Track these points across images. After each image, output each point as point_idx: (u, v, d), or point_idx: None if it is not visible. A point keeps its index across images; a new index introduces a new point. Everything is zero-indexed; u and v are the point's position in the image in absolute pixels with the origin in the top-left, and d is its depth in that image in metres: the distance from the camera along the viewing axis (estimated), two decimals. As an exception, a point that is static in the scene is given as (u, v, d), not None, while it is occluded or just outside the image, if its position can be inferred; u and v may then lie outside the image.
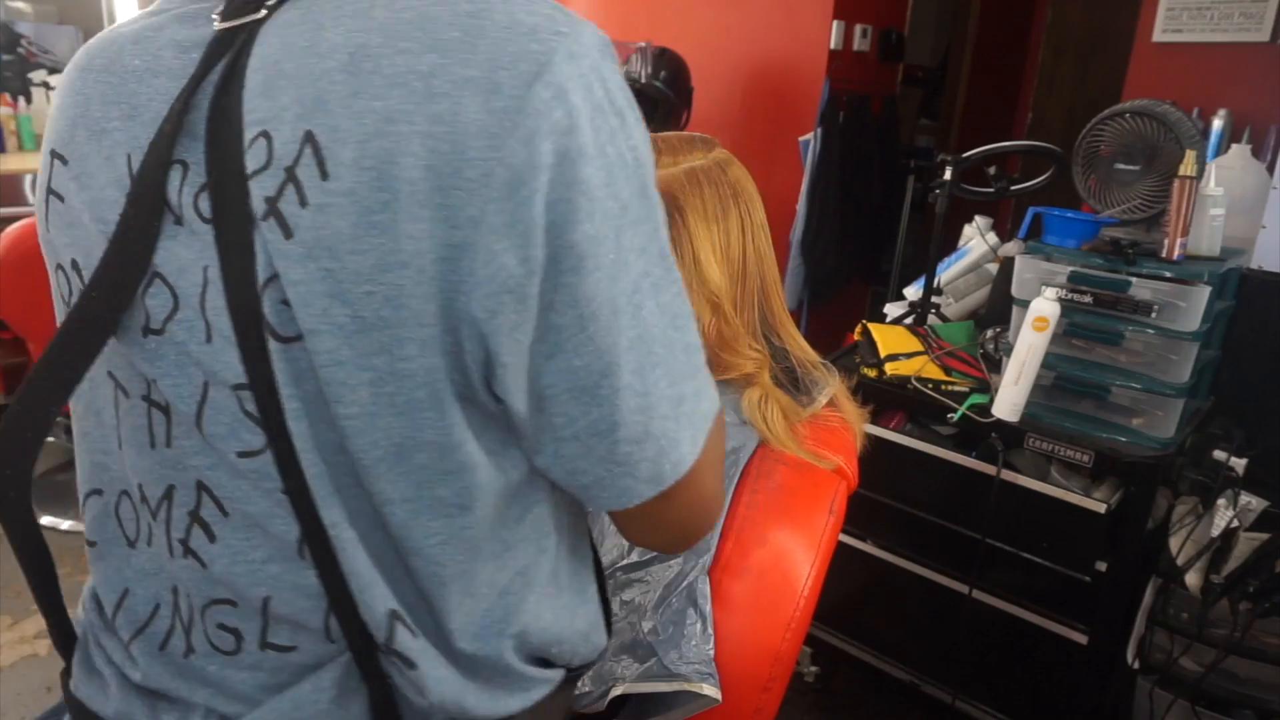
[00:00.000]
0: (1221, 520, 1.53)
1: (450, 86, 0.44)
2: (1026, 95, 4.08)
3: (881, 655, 1.91)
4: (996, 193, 1.97)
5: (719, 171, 1.00)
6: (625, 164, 0.47)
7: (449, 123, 0.44)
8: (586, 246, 0.46)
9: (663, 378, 0.50)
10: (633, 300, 0.48)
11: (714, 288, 0.98)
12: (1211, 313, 1.50)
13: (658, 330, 0.50)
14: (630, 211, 0.48)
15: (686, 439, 0.52)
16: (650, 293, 0.49)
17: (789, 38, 3.52)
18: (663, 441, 0.51)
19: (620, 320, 0.48)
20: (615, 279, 0.47)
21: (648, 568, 0.90)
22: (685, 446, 0.52)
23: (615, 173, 0.47)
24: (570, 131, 0.45)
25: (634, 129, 0.49)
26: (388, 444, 0.48)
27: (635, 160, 0.48)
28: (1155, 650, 1.64)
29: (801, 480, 0.96)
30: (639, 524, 0.58)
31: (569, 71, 0.46)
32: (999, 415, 1.58)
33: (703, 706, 0.85)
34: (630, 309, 0.48)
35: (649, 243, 0.50)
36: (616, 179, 0.47)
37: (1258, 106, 2.04)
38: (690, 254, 0.97)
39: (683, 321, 0.52)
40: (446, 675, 0.54)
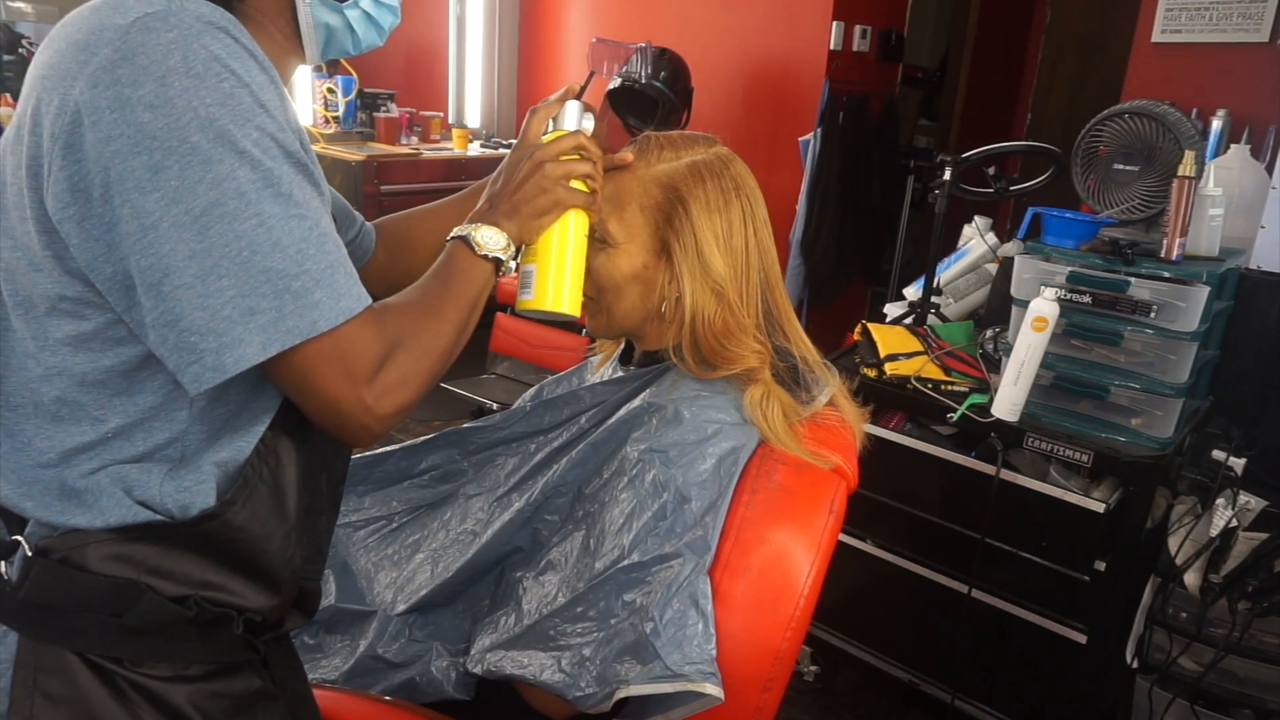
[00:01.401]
0: (1220, 520, 1.53)
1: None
2: (1026, 96, 4.09)
3: (881, 655, 1.91)
4: (996, 193, 1.97)
5: (721, 165, 1.01)
6: (196, 116, 0.62)
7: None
8: (143, 174, 0.61)
9: (230, 288, 0.63)
10: (199, 221, 0.62)
11: (717, 276, 0.98)
12: (1210, 313, 1.50)
13: (229, 250, 0.63)
14: (200, 152, 0.62)
15: (255, 342, 0.64)
16: (222, 219, 0.63)
17: (789, 38, 3.52)
18: (225, 338, 0.64)
19: (182, 234, 0.62)
20: (177, 201, 0.62)
21: (649, 569, 0.90)
22: (252, 348, 0.64)
23: (181, 120, 0.62)
24: (131, 84, 0.61)
25: (213, 91, 0.63)
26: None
27: (210, 115, 0.62)
28: (1154, 649, 1.64)
29: (801, 480, 0.97)
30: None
31: (142, 40, 0.62)
32: (998, 415, 1.59)
33: (704, 705, 0.85)
34: (196, 228, 0.62)
35: (225, 180, 0.63)
36: (184, 126, 0.62)
37: (1257, 107, 2.05)
38: (693, 243, 0.98)
39: (266, 250, 0.64)
40: None
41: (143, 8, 0.64)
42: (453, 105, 4.59)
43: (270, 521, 0.74)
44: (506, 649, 0.96)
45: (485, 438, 1.17)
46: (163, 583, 0.70)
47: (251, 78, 0.66)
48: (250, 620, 0.76)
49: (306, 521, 0.78)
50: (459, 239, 0.85)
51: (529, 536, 1.05)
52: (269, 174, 0.65)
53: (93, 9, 0.66)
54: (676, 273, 0.99)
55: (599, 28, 4.07)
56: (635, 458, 0.96)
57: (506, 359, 3.72)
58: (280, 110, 0.68)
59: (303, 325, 0.65)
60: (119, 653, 0.70)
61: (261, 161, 0.64)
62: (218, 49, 0.64)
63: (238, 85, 0.64)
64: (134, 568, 0.69)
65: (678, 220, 0.99)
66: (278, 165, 0.66)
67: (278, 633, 0.81)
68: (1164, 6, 2.20)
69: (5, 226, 0.69)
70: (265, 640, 0.79)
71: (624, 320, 1.05)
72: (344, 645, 1.09)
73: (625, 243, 1.01)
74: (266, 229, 0.64)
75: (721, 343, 0.99)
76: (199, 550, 0.72)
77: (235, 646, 0.75)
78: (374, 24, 0.85)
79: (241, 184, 0.63)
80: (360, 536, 1.18)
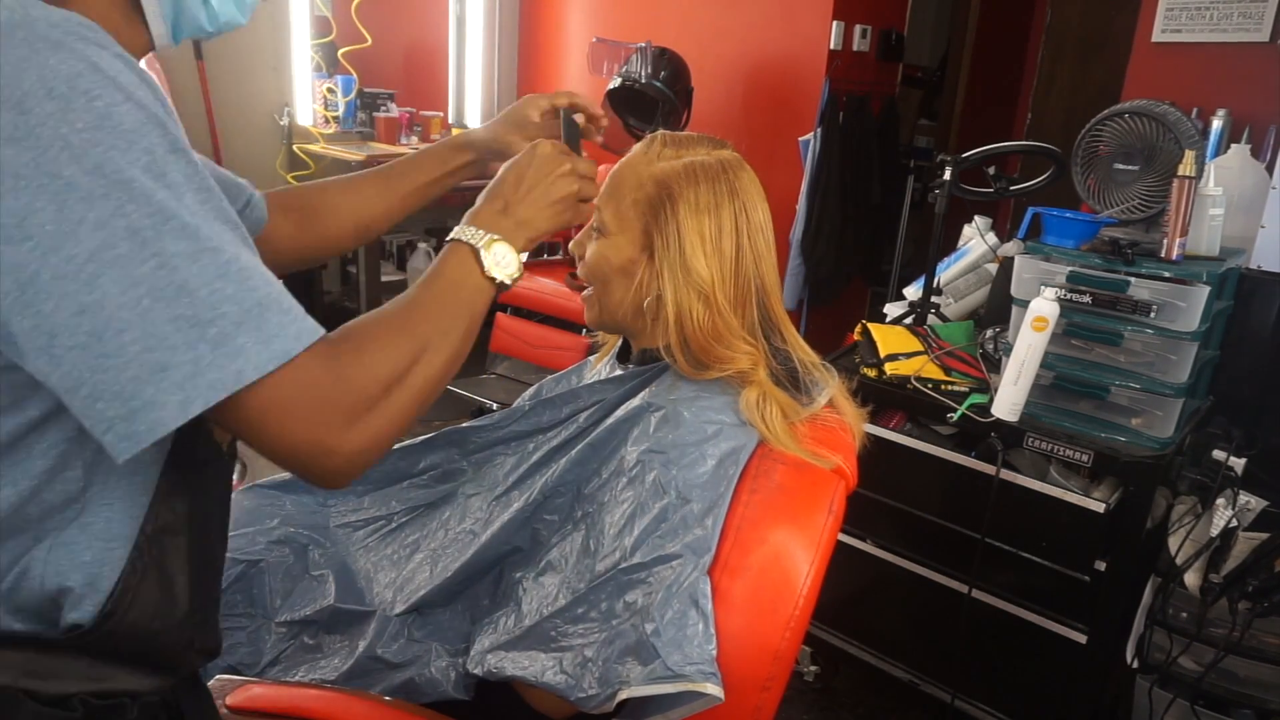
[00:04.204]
0: (1220, 520, 1.53)
1: None
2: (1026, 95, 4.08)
3: (881, 654, 1.91)
4: (996, 193, 1.97)
5: (720, 168, 1.01)
6: (68, 145, 0.52)
7: None
8: (10, 220, 0.52)
9: (133, 344, 0.54)
10: (85, 269, 0.53)
11: (700, 279, 0.98)
12: (1210, 312, 1.50)
13: (125, 299, 0.54)
14: (78, 189, 0.53)
15: (172, 404, 0.55)
16: (114, 265, 0.53)
17: (789, 38, 3.52)
18: (135, 403, 0.55)
19: (66, 286, 0.53)
20: (55, 249, 0.53)
21: (650, 569, 0.90)
22: (168, 411, 0.55)
23: (49, 153, 0.52)
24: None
25: (83, 114, 0.53)
26: None
27: (84, 141, 0.53)
28: (1154, 649, 1.64)
29: (800, 480, 0.97)
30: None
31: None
32: (998, 415, 1.59)
33: (704, 705, 0.85)
34: (82, 278, 0.53)
35: (112, 218, 0.53)
36: (54, 159, 0.52)
37: (1257, 106, 2.04)
38: (676, 243, 0.98)
39: (172, 294, 0.55)
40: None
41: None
42: (453, 105, 4.59)
43: (160, 619, 0.67)
44: (507, 650, 0.96)
45: (484, 437, 1.17)
46: (41, 685, 0.63)
47: (124, 81, 0.56)
48: (148, 701, 0.69)
49: (199, 584, 0.70)
50: (465, 246, 0.78)
51: (528, 536, 1.05)
52: (164, 205, 0.55)
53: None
54: (657, 270, 0.99)
55: (599, 28, 4.07)
56: (635, 458, 0.96)
57: (506, 359, 3.72)
58: (163, 115, 0.58)
59: (226, 377, 0.57)
60: None
61: (153, 192, 0.55)
62: (80, 61, 0.54)
63: (113, 100, 0.55)
64: (7, 674, 0.62)
65: (663, 218, 0.99)
66: (175, 193, 0.56)
67: (181, 675, 0.74)
68: (1164, 6, 2.19)
69: None
70: (174, 687, 0.73)
71: (614, 312, 1.05)
72: (343, 645, 1.09)
73: (616, 234, 1.02)
74: (169, 270, 0.55)
75: (711, 344, 0.98)
76: (79, 653, 0.65)
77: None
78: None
79: (133, 220, 0.54)
80: (359, 536, 1.18)
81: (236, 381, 0.57)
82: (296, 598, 1.13)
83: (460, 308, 0.75)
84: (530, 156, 0.89)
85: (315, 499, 1.21)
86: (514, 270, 0.79)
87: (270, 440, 0.61)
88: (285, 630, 1.12)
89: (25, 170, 0.52)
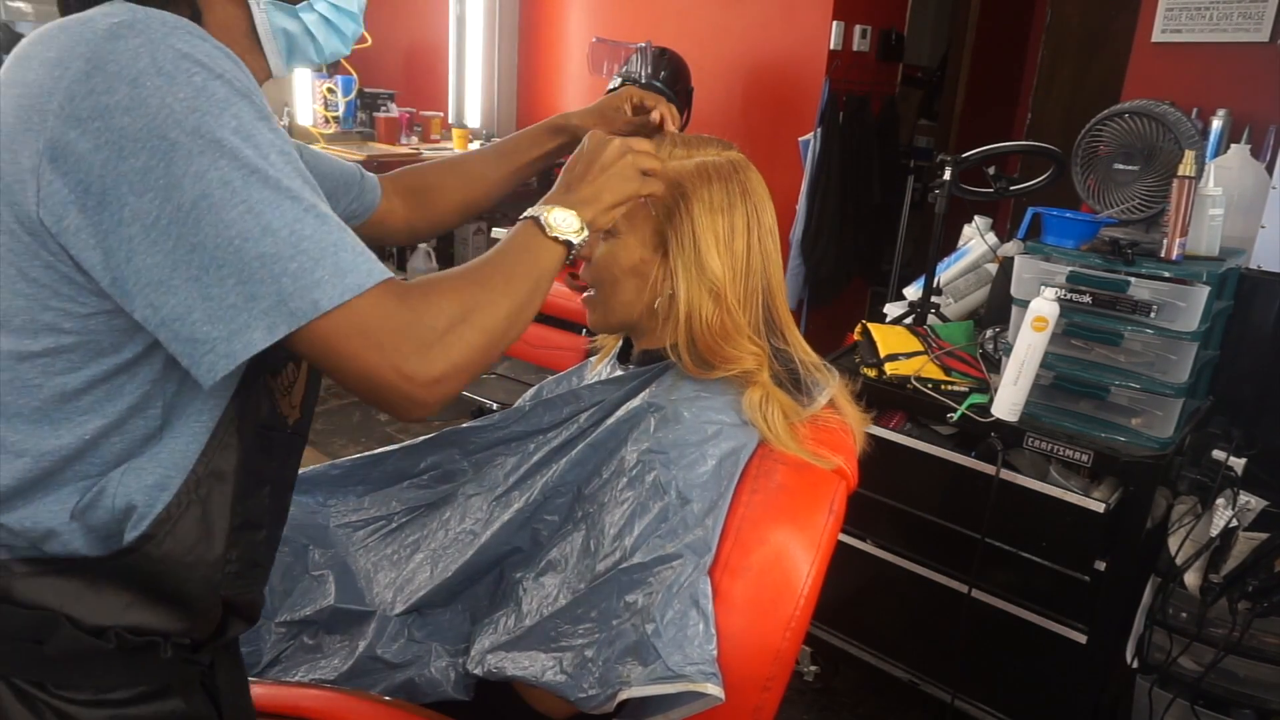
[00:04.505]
0: (1220, 520, 1.53)
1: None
2: (1025, 95, 4.08)
3: (881, 654, 1.91)
4: (996, 193, 1.97)
5: (730, 169, 1.02)
6: (172, 113, 0.63)
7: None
8: (133, 177, 0.62)
9: (230, 276, 0.64)
10: (190, 215, 0.63)
11: (714, 277, 0.98)
12: (1210, 312, 1.50)
13: (221, 239, 0.63)
14: (181, 148, 0.63)
15: (260, 327, 0.64)
16: (210, 210, 0.63)
17: (789, 38, 3.52)
18: (233, 325, 0.64)
19: (178, 229, 0.63)
20: (168, 199, 0.63)
21: (650, 570, 0.90)
22: (258, 334, 0.64)
23: (158, 119, 0.62)
24: (106, 91, 0.62)
25: (184, 88, 0.64)
26: None
27: (185, 109, 0.63)
28: (1154, 649, 1.64)
29: (801, 480, 0.97)
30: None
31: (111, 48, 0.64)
32: (998, 415, 1.59)
33: (705, 705, 0.85)
34: (189, 222, 0.63)
35: (208, 171, 0.63)
36: (161, 124, 0.63)
37: (1257, 106, 2.04)
38: (691, 241, 0.99)
39: (258, 235, 0.64)
40: None
41: (110, 20, 0.65)
42: (453, 105, 4.59)
43: (194, 553, 0.73)
44: (507, 650, 0.96)
45: (485, 437, 1.17)
46: (82, 614, 0.70)
47: (223, 69, 0.66)
48: (179, 643, 0.75)
49: (238, 538, 0.77)
50: (529, 219, 0.85)
51: (528, 537, 1.05)
52: (250, 161, 0.65)
53: (61, 26, 0.67)
54: (671, 269, 1.00)
55: (599, 28, 4.07)
56: (636, 458, 0.96)
57: (506, 359, 3.72)
58: (252, 91, 0.67)
59: (305, 306, 0.65)
60: (42, 678, 0.70)
61: (241, 149, 0.65)
62: (185, 48, 0.65)
63: (209, 78, 0.65)
64: (54, 599, 0.70)
65: (678, 217, 0.99)
66: (260, 151, 0.66)
67: (223, 640, 0.80)
68: (1164, 6, 2.19)
69: None
70: (211, 649, 0.79)
71: (620, 314, 1.05)
72: (343, 645, 1.09)
73: (626, 234, 1.02)
74: (255, 215, 0.64)
75: (719, 343, 0.99)
76: (118, 582, 0.72)
77: (164, 669, 0.75)
78: (335, 30, 0.84)
79: (225, 173, 0.63)
80: (360, 537, 1.18)
81: (314, 310, 0.65)
82: (296, 598, 1.13)
83: (523, 265, 0.81)
84: (586, 143, 0.95)
85: (315, 499, 1.21)
86: (575, 227, 0.84)
87: (349, 366, 0.68)
88: (285, 630, 1.12)
89: (140, 134, 0.62)
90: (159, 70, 0.63)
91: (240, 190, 0.64)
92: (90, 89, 0.63)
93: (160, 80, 0.63)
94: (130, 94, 0.63)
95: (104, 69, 0.63)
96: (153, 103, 0.63)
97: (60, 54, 0.65)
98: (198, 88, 0.64)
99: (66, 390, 0.69)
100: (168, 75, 0.63)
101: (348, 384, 0.69)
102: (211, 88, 0.65)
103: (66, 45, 0.65)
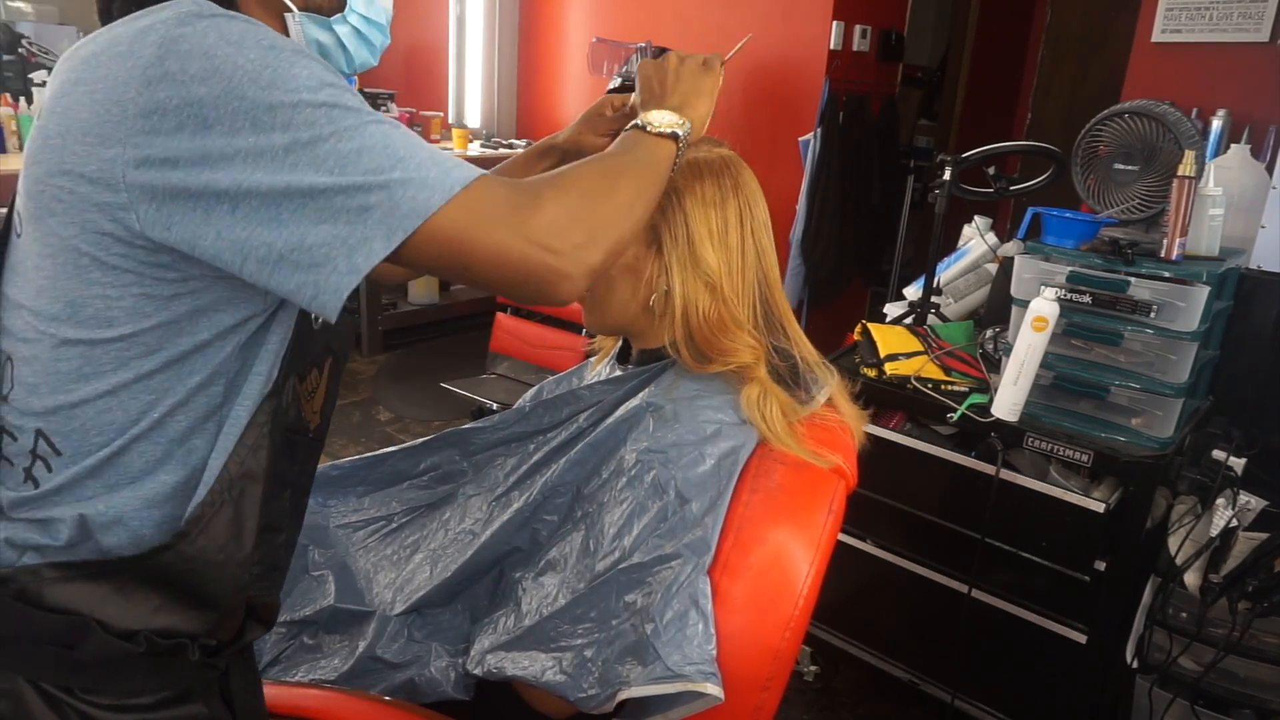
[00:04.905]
0: (1220, 519, 1.53)
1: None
2: (1025, 95, 4.09)
3: (881, 654, 1.91)
4: (996, 193, 1.97)
5: (722, 165, 1.02)
6: (245, 72, 0.65)
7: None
8: (222, 143, 0.65)
9: (338, 195, 0.65)
10: (288, 160, 0.65)
11: (709, 269, 0.99)
12: (1210, 312, 1.50)
13: (325, 168, 0.66)
14: (260, 103, 0.65)
15: (379, 236, 0.66)
16: (307, 148, 0.65)
17: (789, 38, 3.52)
18: (351, 240, 0.66)
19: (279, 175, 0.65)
20: (260, 153, 0.65)
21: (649, 569, 0.90)
22: (378, 243, 0.66)
23: (232, 81, 0.65)
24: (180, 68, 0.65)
25: (253, 49, 0.66)
26: None
27: (256, 66, 0.66)
28: (1154, 649, 1.64)
29: (800, 479, 0.97)
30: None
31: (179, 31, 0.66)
32: (998, 415, 1.59)
33: (704, 705, 0.85)
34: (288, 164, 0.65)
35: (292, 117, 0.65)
36: (237, 85, 0.65)
37: (1257, 106, 2.05)
38: (684, 235, 0.99)
39: (354, 156, 0.66)
40: None
41: (178, 10, 0.68)
42: (453, 105, 4.60)
43: (225, 552, 0.74)
44: (507, 650, 0.96)
45: (485, 438, 1.17)
46: (112, 617, 0.71)
47: (277, 39, 0.68)
48: (205, 645, 0.76)
49: (262, 540, 0.78)
50: (631, 129, 0.86)
51: (528, 537, 1.05)
52: (329, 99, 0.67)
53: (124, 24, 0.70)
54: (665, 264, 1.00)
55: (599, 28, 4.07)
56: (635, 458, 0.96)
57: (506, 359, 3.72)
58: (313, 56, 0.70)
59: (419, 205, 0.67)
60: (70, 683, 0.70)
61: (318, 91, 0.67)
62: (248, 26, 0.68)
63: (275, 40, 0.68)
64: (84, 603, 0.70)
65: (670, 211, 0.99)
66: (335, 91, 0.68)
67: (239, 645, 0.81)
68: (1164, 6, 2.19)
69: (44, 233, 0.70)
70: (227, 655, 0.79)
71: (616, 314, 1.05)
72: (343, 646, 1.09)
73: None
74: (348, 139, 0.66)
75: (716, 335, 0.99)
76: (148, 585, 0.72)
77: (187, 675, 0.76)
78: (365, 42, 0.86)
79: (309, 114, 0.66)
80: (360, 537, 1.18)
81: (427, 209, 0.67)
82: (296, 598, 1.13)
83: (635, 159, 0.82)
84: (641, 70, 0.97)
85: (315, 500, 1.21)
86: (674, 120, 0.86)
87: (479, 254, 0.69)
88: (285, 630, 1.12)
89: (220, 99, 0.65)
90: (227, 41, 0.66)
91: (326, 124, 0.66)
92: (165, 71, 0.65)
93: (229, 48, 0.66)
94: (204, 64, 0.65)
95: (176, 49, 0.66)
96: (225, 68, 0.65)
97: (131, 46, 0.67)
98: (265, 48, 0.67)
99: (141, 373, 0.71)
100: (235, 43, 0.66)
101: (487, 278, 0.70)
102: (279, 45, 0.67)
103: (135, 37, 0.67)
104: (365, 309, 3.96)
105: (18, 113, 3.26)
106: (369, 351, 4.05)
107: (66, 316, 0.69)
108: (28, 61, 3.31)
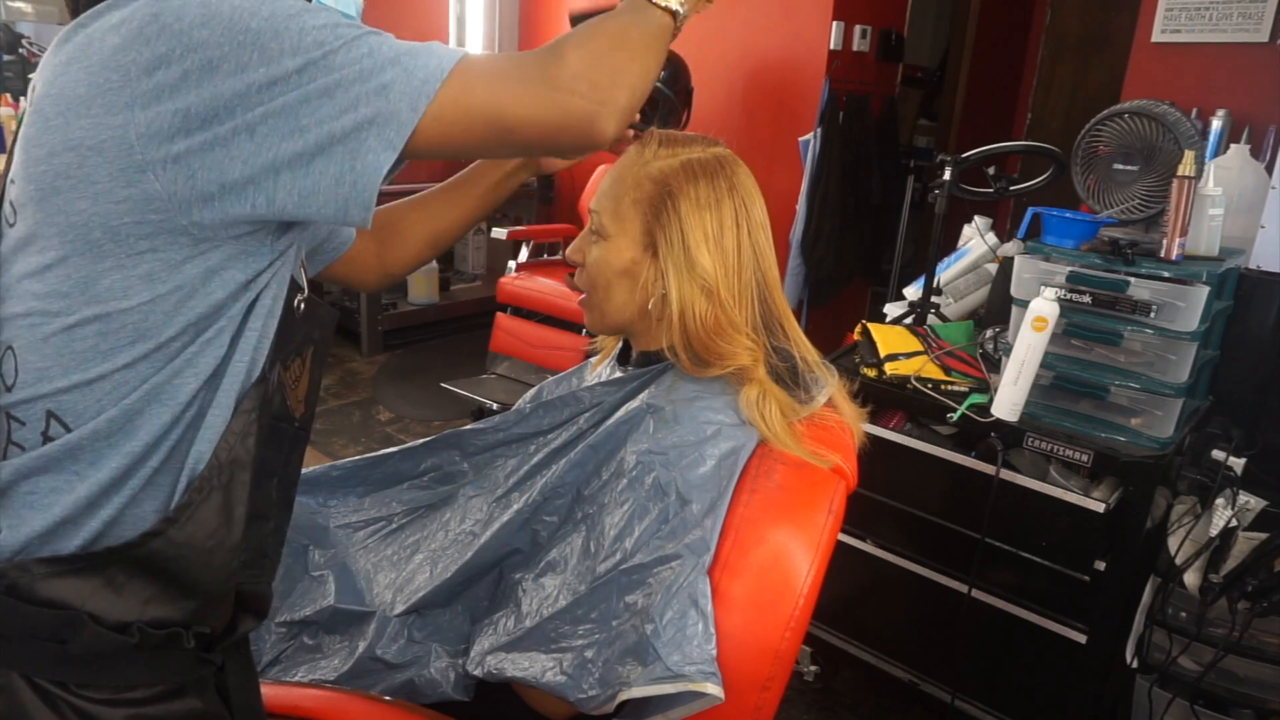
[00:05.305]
0: (1220, 519, 1.53)
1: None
2: (1025, 95, 4.09)
3: (881, 654, 1.91)
4: (996, 193, 1.97)
5: (717, 165, 1.01)
6: (243, 6, 0.67)
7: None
8: (234, 82, 0.66)
9: (357, 87, 0.68)
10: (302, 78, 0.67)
11: (705, 273, 0.98)
12: (1210, 312, 1.50)
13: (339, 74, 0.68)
14: (264, 32, 0.66)
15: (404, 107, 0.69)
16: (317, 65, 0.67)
17: (789, 38, 3.52)
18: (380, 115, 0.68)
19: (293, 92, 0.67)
20: (273, 80, 0.66)
21: (649, 570, 0.90)
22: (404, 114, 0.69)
23: (232, 19, 0.66)
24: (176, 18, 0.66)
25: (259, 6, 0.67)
26: None
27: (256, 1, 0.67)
28: (1154, 649, 1.64)
29: (800, 479, 0.97)
30: None
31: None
32: (998, 415, 1.59)
33: (704, 705, 0.85)
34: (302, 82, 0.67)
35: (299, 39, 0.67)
36: (237, 20, 0.66)
37: (1256, 106, 2.04)
38: (679, 239, 0.98)
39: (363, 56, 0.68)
40: None
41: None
42: (453, 105, 4.59)
43: (214, 538, 0.75)
44: (507, 651, 0.96)
45: (485, 439, 1.17)
46: (104, 610, 0.71)
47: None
48: (199, 634, 0.76)
49: (250, 527, 0.78)
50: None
51: (528, 538, 1.05)
52: (329, 19, 0.69)
53: (107, 7, 0.71)
54: (661, 269, 0.99)
55: (599, 28, 4.07)
56: (635, 459, 0.96)
57: (506, 359, 3.72)
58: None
59: (431, 69, 0.69)
60: (64, 677, 0.70)
61: (316, 13, 0.69)
62: None
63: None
64: (75, 597, 0.70)
65: (665, 216, 0.99)
66: (330, 13, 0.70)
67: (232, 638, 0.81)
68: (1164, 6, 2.19)
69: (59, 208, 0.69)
70: (222, 648, 0.79)
71: (615, 316, 1.05)
72: (343, 646, 1.09)
73: (616, 236, 1.02)
74: (357, 45, 0.69)
75: (713, 338, 0.98)
76: (138, 576, 0.72)
77: (185, 666, 0.76)
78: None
79: (316, 35, 0.68)
80: (360, 537, 1.18)
81: (440, 73, 0.70)
82: (296, 598, 1.13)
83: (636, 15, 0.82)
84: None
85: (315, 500, 1.21)
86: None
87: (519, 110, 0.71)
88: (285, 630, 1.12)
89: (223, 38, 0.66)
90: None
91: (333, 40, 0.68)
92: (162, 25, 0.66)
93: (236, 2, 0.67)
94: (200, 11, 0.66)
95: (169, 4, 0.67)
96: (223, 9, 0.66)
97: (124, 16, 0.68)
98: (268, 12, 0.68)
99: (162, 340, 0.72)
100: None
101: (527, 136, 0.73)
102: (271, 13, 0.69)
103: (126, 8, 0.68)
104: (365, 309, 3.96)
105: (18, 113, 3.26)
106: (369, 351, 4.05)
107: (79, 294, 0.69)
108: (28, 62, 3.31)
